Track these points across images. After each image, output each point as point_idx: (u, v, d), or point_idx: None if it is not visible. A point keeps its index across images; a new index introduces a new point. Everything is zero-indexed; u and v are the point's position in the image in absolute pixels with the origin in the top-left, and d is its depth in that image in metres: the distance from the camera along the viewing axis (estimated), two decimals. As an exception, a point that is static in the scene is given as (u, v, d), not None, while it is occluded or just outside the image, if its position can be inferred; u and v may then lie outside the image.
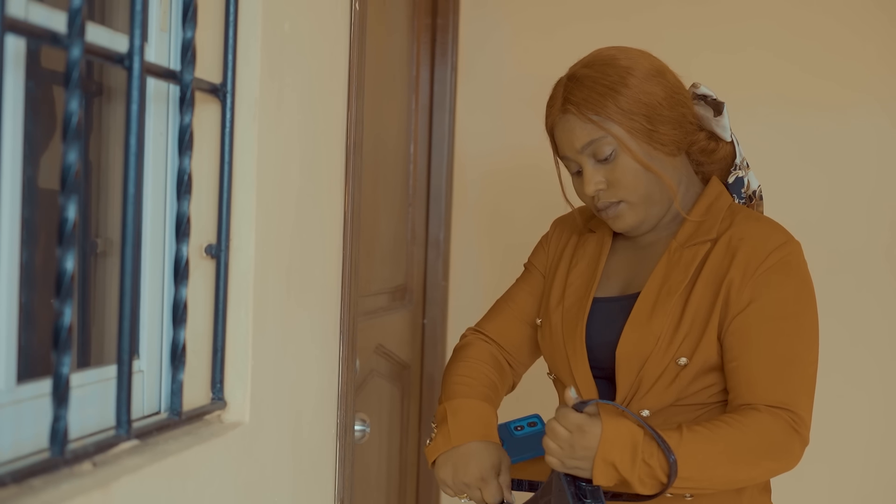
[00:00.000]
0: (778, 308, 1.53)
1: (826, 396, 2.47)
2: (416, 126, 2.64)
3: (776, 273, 1.53)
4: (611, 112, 1.54)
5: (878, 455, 2.66)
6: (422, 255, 2.73)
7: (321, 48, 1.50)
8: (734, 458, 1.47)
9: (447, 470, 1.60)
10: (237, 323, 1.24)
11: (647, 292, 1.58)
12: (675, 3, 2.72)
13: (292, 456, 1.43)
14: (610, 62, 1.58)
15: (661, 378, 1.54)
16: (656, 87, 1.56)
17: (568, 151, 1.61)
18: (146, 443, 1.05)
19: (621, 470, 1.41)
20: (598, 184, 1.58)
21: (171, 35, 1.24)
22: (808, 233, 2.48)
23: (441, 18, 2.74)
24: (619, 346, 1.57)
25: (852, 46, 2.65)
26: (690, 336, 1.54)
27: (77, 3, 0.88)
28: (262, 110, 1.25)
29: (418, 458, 2.74)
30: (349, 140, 1.61)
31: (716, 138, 1.67)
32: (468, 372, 1.72)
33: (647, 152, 1.56)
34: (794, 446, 1.50)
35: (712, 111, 1.63)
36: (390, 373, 2.45)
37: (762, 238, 1.56)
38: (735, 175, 1.69)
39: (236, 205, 1.23)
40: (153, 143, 1.22)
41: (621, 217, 1.61)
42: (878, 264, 2.65)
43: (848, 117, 2.66)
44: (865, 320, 2.67)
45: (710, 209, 1.62)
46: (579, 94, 1.57)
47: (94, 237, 1.22)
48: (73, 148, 0.88)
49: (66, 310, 0.88)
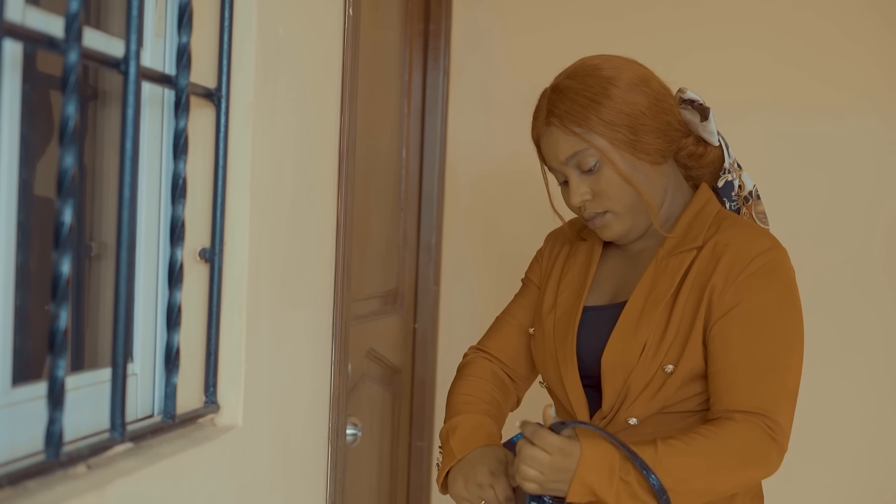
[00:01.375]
0: (759, 313, 1.52)
1: (818, 400, 2.49)
2: (409, 130, 2.65)
3: (759, 278, 1.53)
4: (593, 124, 1.55)
5: (869, 460, 2.67)
6: (413, 260, 2.74)
7: (315, 53, 1.50)
8: (711, 469, 1.46)
9: (458, 482, 1.59)
10: (231, 327, 1.24)
11: (633, 301, 1.59)
12: (666, 5, 2.73)
13: (284, 459, 1.44)
14: (592, 73, 1.58)
15: (648, 386, 1.54)
16: (639, 96, 1.56)
17: (553, 163, 1.62)
18: (140, 446, 1.06)
19: (598, 490, 1.41)
20: (583, 195, 1.59)
21: (167, 40, 1.24)
22: (802, 237, 2.51)
23: (433, 24, 2.75)
24: (605, 355, 1.57)
25: (846, 49, 2.65)
26: (676, 343, 1.54)
27: (74, 9, 0.88)
28: (256, 115, 1.26)
29: (409, 463, 2.74)
30: (342, 145, 1.62)
31: (703, 143, 1.67)
32: (469, 390, 1.73)
33: (631, 163, 1.57)
34: (770, 454, 1.50)
35: (699, 116, 1.64)
36: (382, 377, 2.45)
37: (746, 243, 1.56)
38: (724, 179, 1.69)
39: (230, 209, 1.24)
40: (148, 147, 1.22)
41: (608, 227, 1.62)
42: (873, 269, 2.66)
43: (843, 121, 2.66)
44: (860, 325, 2.67)
45: (697, 217, 1.62)
46: (562, 107, 1.57)
47: (90, 241, 1.23)
48: (70, 152, 0.88)
49: (61, 313, 0.88)
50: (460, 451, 1.61)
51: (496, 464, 1.58)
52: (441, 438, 1.68)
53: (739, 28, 2.70)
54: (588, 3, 2.77)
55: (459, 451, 1.61)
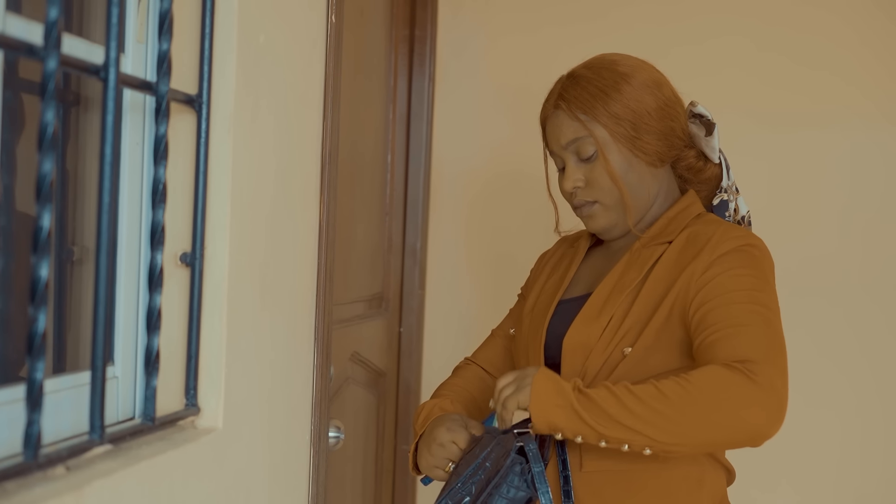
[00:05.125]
0: (736, 280, 1.49)
1: (794, 409, 2.51)
2: (394, 136, 2.67)
3: (736, 255, 1.52)
4: (598, 114, 1.59)
5: (847, 470, 2.68)
6: (399, 264, 2.75)
7: (297, 60, 1.52)
8: (680, 406, 1.37)
9: (423, 454, 1.62)
10: (211, 330, 1.26)
11: (601, 288, 1.61)
12: (648, 5, 2.75)
13: (266, 462, 1.45)
14: (609, 66, 1.63)
15: (603, 366, 1.54)
16: (649, 97, 1.61)
17: (554, 146, 1.66)
18: (119, 448, 1.07)
19: (559, 381, 1.43)
20: (576, 181, 1.63)
21: (148, 46, 1.26)
22: (779, 243, 2.52)
23: (419, 30, 2.77)
24: (567, 337, 1.58)
25: (826, 56, 2.68)
26: (636, 326, 1.54)
27: (53, 16, 0.89)
28: (237, 121, 1.27)
29: (394, 466, 2.75)
30: (324, 150, 1.64)
31: (704, 158, 1.70)
32: (444, 386, 1.79)
33: (628, 159, 1.60)
34: (751, 397, 1.37)
35: (704, 130, 1.67)
36: (366, 380, 2.47)
37: (727, 232, 1.56)
38: (720, 197, 1.72)
39: (211, 214, 1.25)
40: (129, 152, 1.24)
41: (594, 217, 1.65)
42: (849, 279, 2.68)
43: (822, 129, 2.68)
44: (835, 335, 2.68)
45: (676, 216, 1.64)
46: (573, 93, 1.62)
47: (71, 245, 1.24)
48: (49, 158, 0.89)
49: (40, 316, 0.89)
50: (421, 427, 1.66)
51: (451, 421, 1.61)
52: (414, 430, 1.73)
53: (723, 20, 2.71)
54: (572, 5, 2.78)
55: (420, 428, 1.66)
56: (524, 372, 1.47)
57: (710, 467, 1.59)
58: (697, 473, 1.56)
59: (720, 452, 1.61)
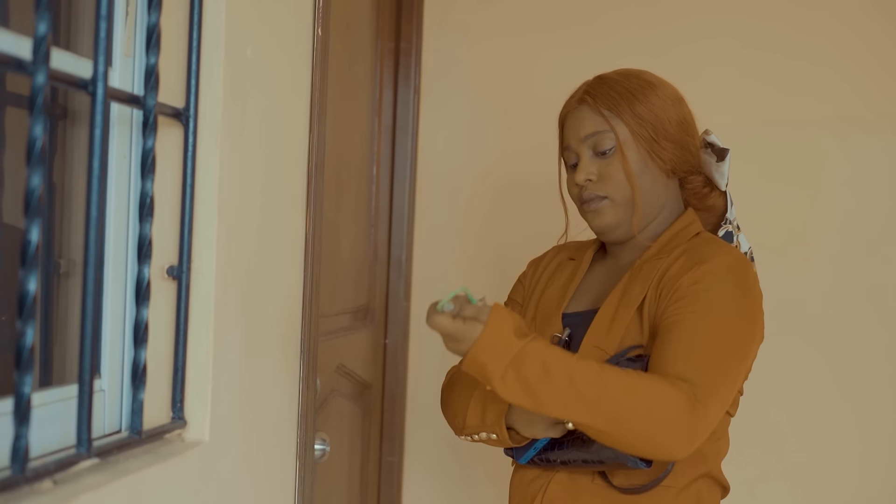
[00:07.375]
0: (717, 302, 1.51)
1: (791, 417, 2.51)
2: (379, 148, 2.67)
3: (719, 273, 1.54)
4: (622, 111, 1.62)
5: (847, 473, 2.69)
6: (384, 276, 2.75)
7: (283, 73, 1.52)
8: (614, 397, 1.40)
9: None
10: (198, 343, 1.26)
11: (607, 305, 1.62)
12: (633, 10, 2.76)
13: (252, 475, 1.45)
14: (638, 75, 1.68)
15: None
16: (672, 108, 1.65)
17: (571, 140, 1.68)
18: (107, 461, 1.07)
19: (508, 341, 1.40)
20: (589, 174, 1.64)
21: (135, 60, 1.26)
22: (802, 237, 2.53)
23: (405, 42, 2.78)
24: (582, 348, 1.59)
25: (826, 57, 2.69)
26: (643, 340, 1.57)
27: (42, 31, 0.90)
28: (224, 134, 1.27)
29: (379, 478, 2.75)
30: (311, 163, 1.64)
31: (711, 185, 1.73)
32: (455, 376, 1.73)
33: (645, 160, 1.63)
34: (681, 419, 1.41)
35: (715, 158, 1.70)
36: (352, 392, 2.47)
37: (716, 251, 1.58)
38: (725, 229, 1.73)
39: (198, 227, 1.25)
40: (116, 166, 1.24)
41: (601, 213, 1.65)
42: (849, 279, 2.69)
43: (813, 134, 2.70)
44: (839, 344, 2.69)
45: (678, 234, 1.66)
46: (600, 90, 1.66)
47: (58, 258, 1.24)
48: (37, 172, 0.90)
49: (28, 330, 0.89)
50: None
51: None
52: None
53: (712, 21, 2.72)
54: (557, 13, 2.78)
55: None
56: (472, 331, 1.40)
57: (707, 486, 1.63)
58: (695, 494, 1.60)
59: (718, 470, 1.64)
